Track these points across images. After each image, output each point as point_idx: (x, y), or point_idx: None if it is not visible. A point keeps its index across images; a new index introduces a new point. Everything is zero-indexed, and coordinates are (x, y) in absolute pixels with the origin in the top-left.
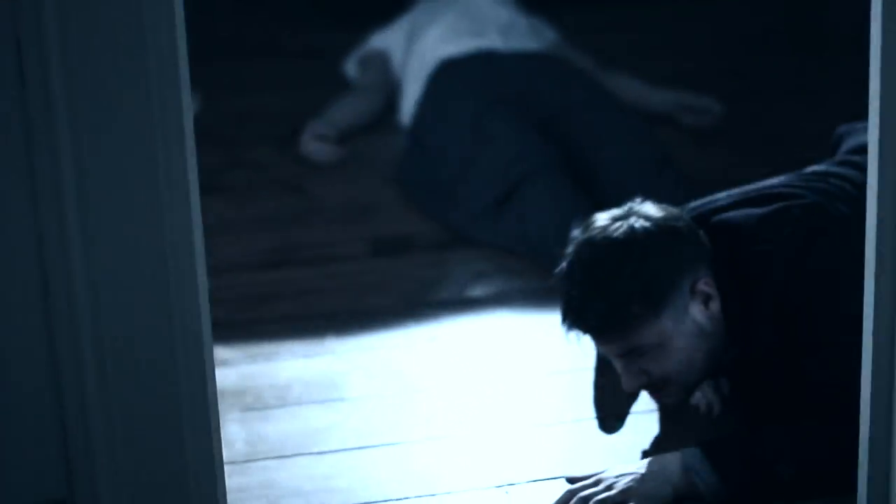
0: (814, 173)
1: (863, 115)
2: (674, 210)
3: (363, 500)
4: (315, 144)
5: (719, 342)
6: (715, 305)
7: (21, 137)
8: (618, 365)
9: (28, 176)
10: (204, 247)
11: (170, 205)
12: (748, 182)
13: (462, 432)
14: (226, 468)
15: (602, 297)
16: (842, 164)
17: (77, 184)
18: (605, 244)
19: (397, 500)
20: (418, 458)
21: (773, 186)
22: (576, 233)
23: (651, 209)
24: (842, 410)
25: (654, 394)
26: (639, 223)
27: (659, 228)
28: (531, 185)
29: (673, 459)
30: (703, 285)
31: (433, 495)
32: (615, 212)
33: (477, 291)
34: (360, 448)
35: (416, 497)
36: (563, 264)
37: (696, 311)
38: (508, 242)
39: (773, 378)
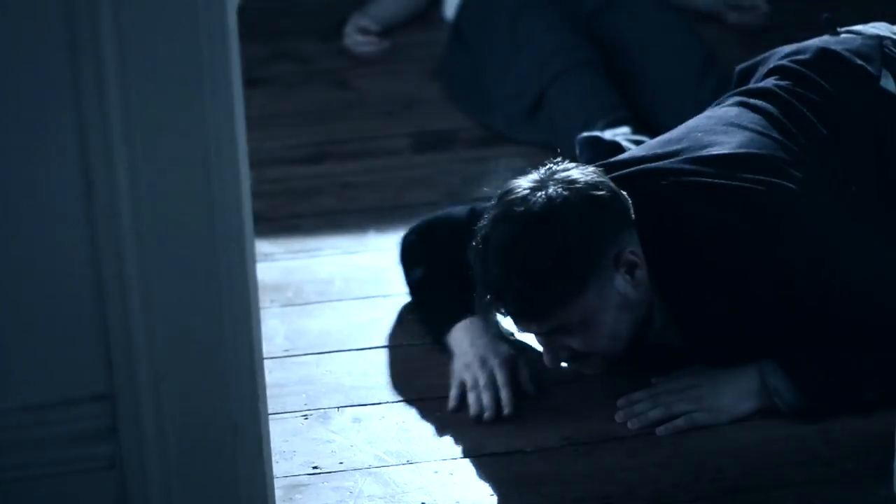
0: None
1: None
2: (595, 173)
3: (403, 398)
4: (358, 38)
5: (645, 309)
6: (641, 273)
7: (65, 33)
8: (539, 341)
9: (71, 68)
10: (246, 140)
11: (212, 97)
12: None
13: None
14: (265, 363)
15: (521, 277)
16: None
17: (119, 75)
18: (521, 218)
19: (437, 398)
20: None
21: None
22: (491, 203)
23: (573, 173)
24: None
25: (576, 365)
26: (557, 191)
27: (579, 197)
28: (561, 86)
29: (753, 376)
30: (629, 254)
31: None
32: (533, 177)
33: None
34: (400, 345)
35: None
36: (478, 239)
37: (621, 282)
38: (544, 141)
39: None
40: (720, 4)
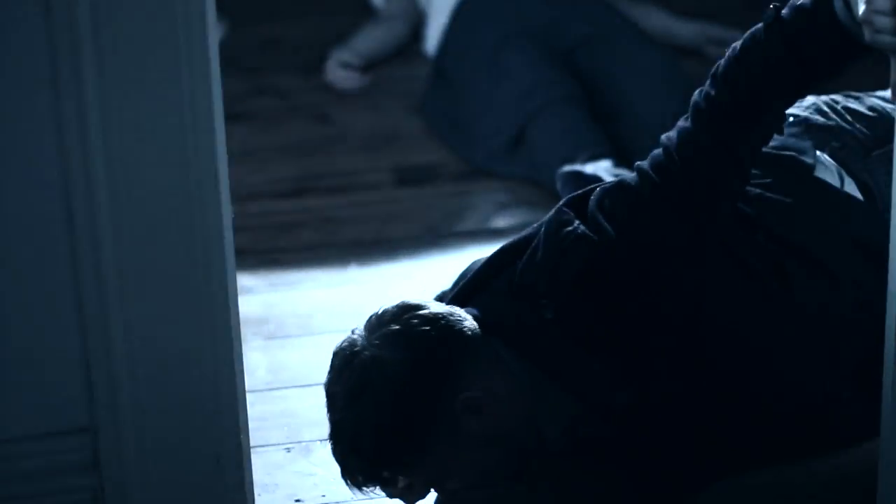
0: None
1: None
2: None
3: None
4: (340, 72)
5: (522, 434)
6: (492, 407)
7: (47, 63)
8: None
9: (53, 108)
10: (228, 174)
11: (194, 132)
12: None
13: None
14: (247, 396)
15: (356, 455)
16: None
17: (101, 110)
18: (340, 396)
19: None
20: None
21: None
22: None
23: (394, 325)
24: None
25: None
26: (372, 355)
27: (396, 360)
28: (542, 120)
29: None
30: (465, 399)
31: None
32: (354, 336)
33: (500, 222)
34: None
35: None
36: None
37: (472, 425)
38: (525, 175)
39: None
40: (701, 39)
